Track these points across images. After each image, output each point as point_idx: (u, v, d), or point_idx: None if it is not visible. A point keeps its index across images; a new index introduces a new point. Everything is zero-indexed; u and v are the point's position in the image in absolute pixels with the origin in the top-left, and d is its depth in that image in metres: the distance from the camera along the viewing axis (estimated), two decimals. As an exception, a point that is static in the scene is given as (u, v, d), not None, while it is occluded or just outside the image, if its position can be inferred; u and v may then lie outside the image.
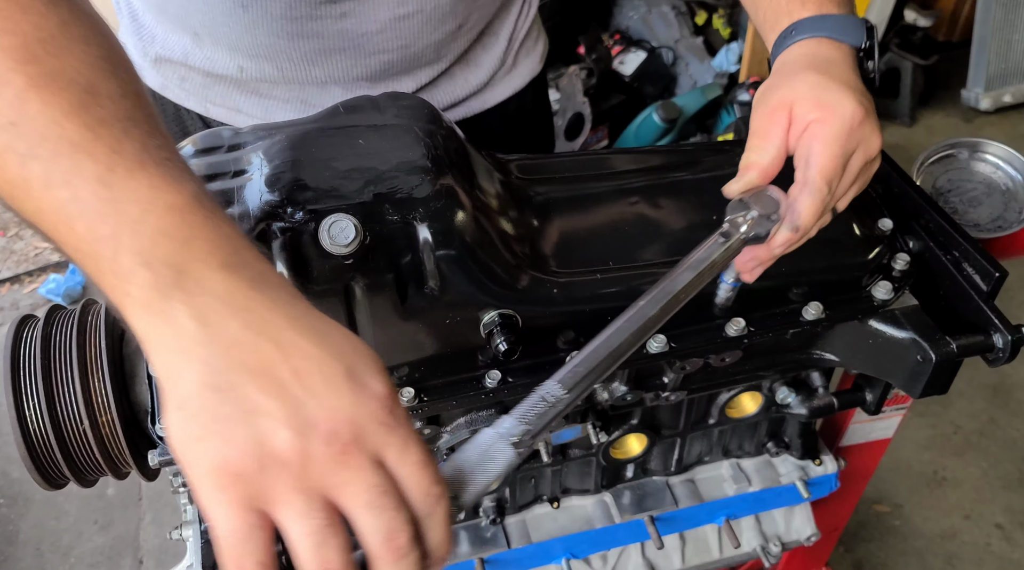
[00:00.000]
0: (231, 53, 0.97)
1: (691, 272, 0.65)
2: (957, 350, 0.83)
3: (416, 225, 0.71)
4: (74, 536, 2.10)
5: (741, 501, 1.13)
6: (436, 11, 0.96)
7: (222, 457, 0.44)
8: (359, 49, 0.95)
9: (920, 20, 3.02)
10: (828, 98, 0.67)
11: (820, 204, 0.67)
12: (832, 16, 0.74)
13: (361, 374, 0.48)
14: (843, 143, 0.67)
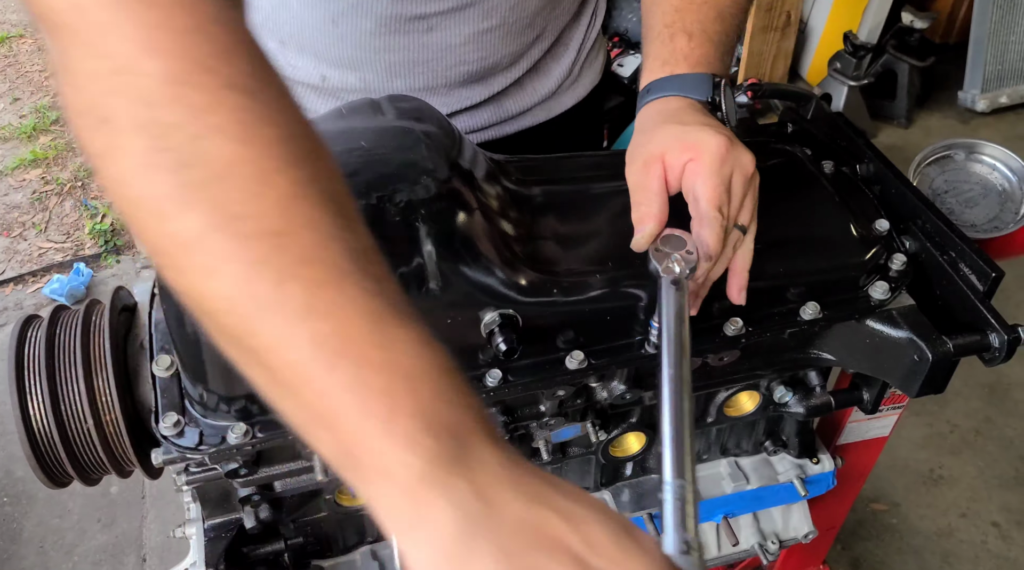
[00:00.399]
0: (316, 62, 0.98)
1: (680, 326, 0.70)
2: (953, 350, 0.84)
3: (418, 226, 0.72)
4: (77, 534, 2.10)
5: (739, 499, 1.14)
6: (517, 23, 0.98)
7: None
8: (442, 61, 0.97)
9: (917, 22, 3.02)
10: (693, 139, 0.74)
11: (719, 229, 0.73)
12: (679, 76, 0.81)
13: (632, 530, 0.45)
14: (719, 171, 0.73)
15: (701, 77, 0.81)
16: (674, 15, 0.84)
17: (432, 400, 0.43)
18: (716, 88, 0.81)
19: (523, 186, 0.87)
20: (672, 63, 0.82)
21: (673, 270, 0.73)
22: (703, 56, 0.83)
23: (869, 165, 1.00)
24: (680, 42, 0.83)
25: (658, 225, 0.74)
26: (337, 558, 1.05)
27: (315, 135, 0.48)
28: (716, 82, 0.81)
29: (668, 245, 0.74)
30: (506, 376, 0.80)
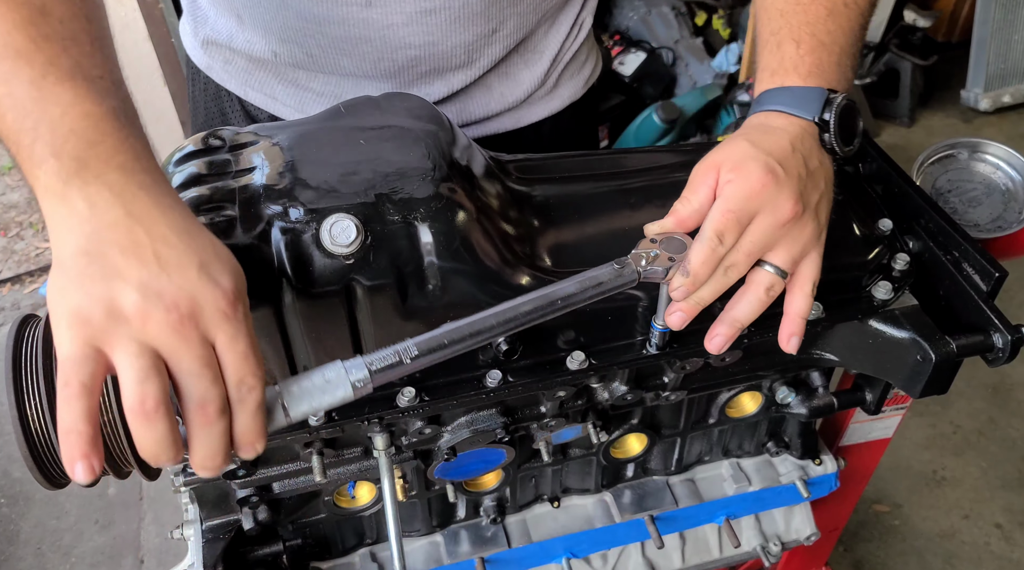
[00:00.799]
0: (266, 36, 1.00)
1: (575, 285, 0.69)
2: (957, 350, 0.83)
3: (417, 225, 0.71)
4: (75, 536, 2.10)
5: (741, 501, 1.13)
6: (464, 10, 0.96)
7: (77, 304, 0.53)
8: (385, 41, 0.96)
9: (919, 20, 3.02)
10: (743, 162, 0.71)
11: (709, 253, 0.70)
12: (790, 89, 0.77)
13: (213, 270, 0.56)
14: (740, 202, 0.70)
15: (811, 92, 0.76)
16: (780, 20, 0.80)
17: (65, 135, 0.57)
18: (828, 105, 0.76)
19: (523, 185, 0.87)
20: (781, 73, 0.78)
21: (639, 257, 0.71)
22: (815, 65, 0.77)
23: (872, 164, 1.00)
24: (788, 50, 0.79)
25: (676, 225, 0.73)
26: (336, 560, 1.05)
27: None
28: (830, 98, 0.76)
29: (664, 243, 0.73)
30: (506, 376, 0.79)
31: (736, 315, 0.75)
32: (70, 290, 0.54)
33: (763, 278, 0.73)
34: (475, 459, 0.93)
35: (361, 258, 0.69)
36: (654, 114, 2.74)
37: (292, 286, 0.69)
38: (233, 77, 1.09)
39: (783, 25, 0.80)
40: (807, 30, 0.78)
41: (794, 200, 0.71)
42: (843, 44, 0.79)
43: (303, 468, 0.84)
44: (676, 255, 0.72)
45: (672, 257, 0.72)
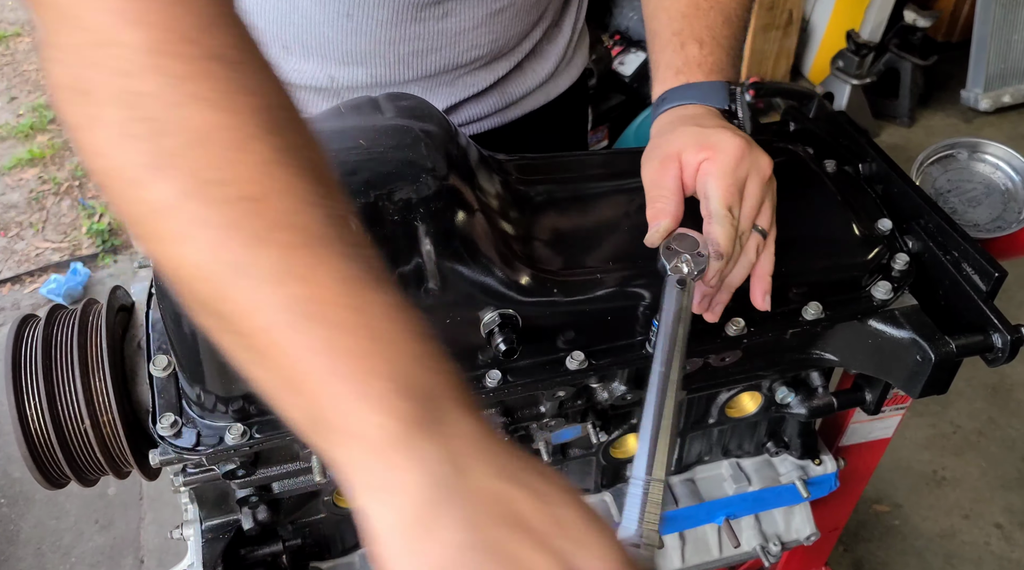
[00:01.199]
0: (323, 63, 0.97)
1: (678, 325, 0.70)
2: (956, 350, 0.83)
3: (417, 225, 0.71)
4: (75, 536, 2.10)
5: (741, 501, 1.13)
6: (524, 3, 0.98)
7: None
8: (455, 47, 0.97)
9: (919, 20, 3.02)
10: (710, 140, 0.74)
11: (729, 228, 0.73)
12: (696, 84, 0.82)
13: (597, 516, 0.45)
14: (733, 172, 0.73)
15: (718, 85, 0.82)
16: (682, 22, 0.84)
17: (407, 363, 0.42)
18: (733, 95, 0.81)
19: (523, 185, 0.87)
20: (687, 72, 0.82)
21: (680, 269, 0.73)
22: (716, 63, 0.83)
23: (872, 164, 1.00)
24: (692, 50, 0.83)
25: (673, 221, 0.74)
26: (335, 560, 1.04)
27: (294, 106, 0.48)
28: (732, 90, 0.81)
29: (679, 244, 0.74)
30: (506, 376, 0.79)
31: (732, 281, 0.77)
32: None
33: (752, 241, 0.76)
34: (475, 459, 0.93)
35: (361, 258, 0.69)
36: (654, 114, 2.74)
37: (292, 286, 0.69)
38: None
39: (685, 27, 0.83)
40: (708, 33, 0.83)
41: (767, 156, 0.75)
42: (736, 49, 0.85)
43: (303, 468, 0.84)
44: (695, 248, 0.73)
45: (699, 252, 0.73)
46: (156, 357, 0.79)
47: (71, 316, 0.81)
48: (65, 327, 0.79)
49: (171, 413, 0.76)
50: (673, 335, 0.69)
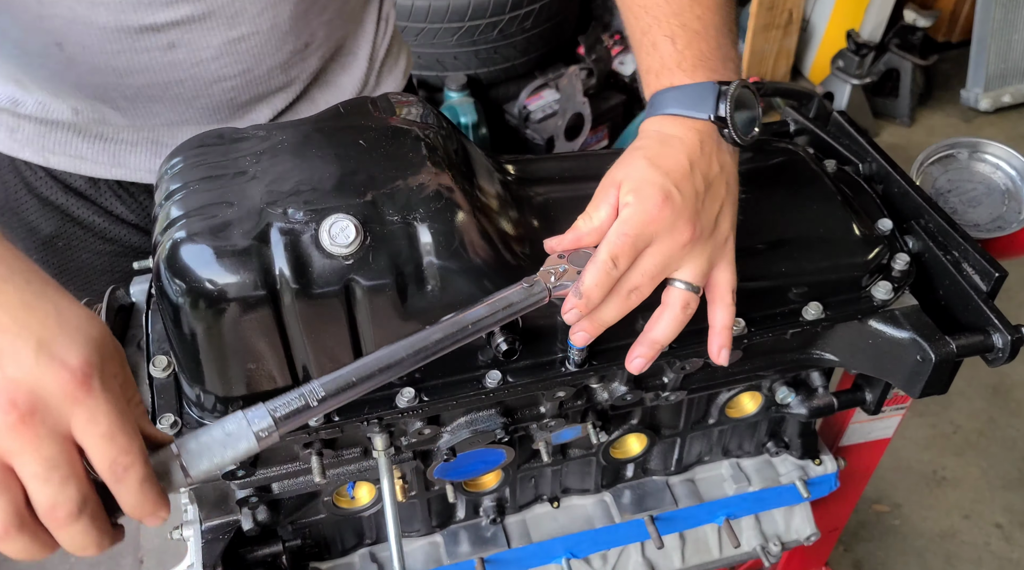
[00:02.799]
0: (60, 96, 0.92)
1: (486, 308, 0.68)
2: (957, 350, 0.83)
3: (416, 225, 0.71)
4: (74, 536, 2.10)
5: (741, 501, 1.13)
6: (274, 31, 0.91)
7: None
8: (196, 79, 0.91)
9: (920, 20, 3.02)
10: (642, 185, 0.70)
11: (603, 276, 0.69)
12: (680, 88, 0.74)
13: (55, 348, 0.50)
14: (636, 227, 0.69)
15: (701, 88, 0.74)
16: (646, 17, 0.78)
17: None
18: (721, 98, 0.73)
19: (522, 185, 0.87)
20: (665, 73, 0.76)
21: (547, 276, 0.71)
22: (697, 56, 0.75)
23: (872, 164, 1.00)
24: (664, 48, 0.76)
25: (575, 242, 0.72)
26: (335, 560, 1.04)
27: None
28: (722, 90, 0.73)
29: (572, 259, 0.72)
30: (506, 377, 0.79)
31: (655, 336, 0.75)
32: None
33: (676, 296, 0.73)
34: (475, 459, 0.93)
35: (360, 258, 0.69)
36: (654, 114, 2.74)
37: (291, 287, 0.69)
38: (26, 145, 0.97)
39: (651, 22, 0.77)
40: (676, 22, 0.76)
41: (692, 226, 0.71)
42: (717, 25, 0.77)
43: (302, 469, 0.84)
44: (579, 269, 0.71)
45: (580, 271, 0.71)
46: (156, 358, 0.79)
47: (71, 316, 0.80)
48: (65, 327, 0.79)
49: (171, 414, 0.76)
50: (480, 314, 0.67)
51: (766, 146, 1.00)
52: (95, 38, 0.84)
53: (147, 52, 0.87)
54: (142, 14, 0.84)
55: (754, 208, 0.90)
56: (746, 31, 2.93)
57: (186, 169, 0.74)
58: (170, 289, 0.69)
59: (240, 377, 0.73)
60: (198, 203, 0.70)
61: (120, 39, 0.85)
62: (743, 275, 0.86)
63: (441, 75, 2.65)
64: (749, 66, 2.96)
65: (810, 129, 1.07)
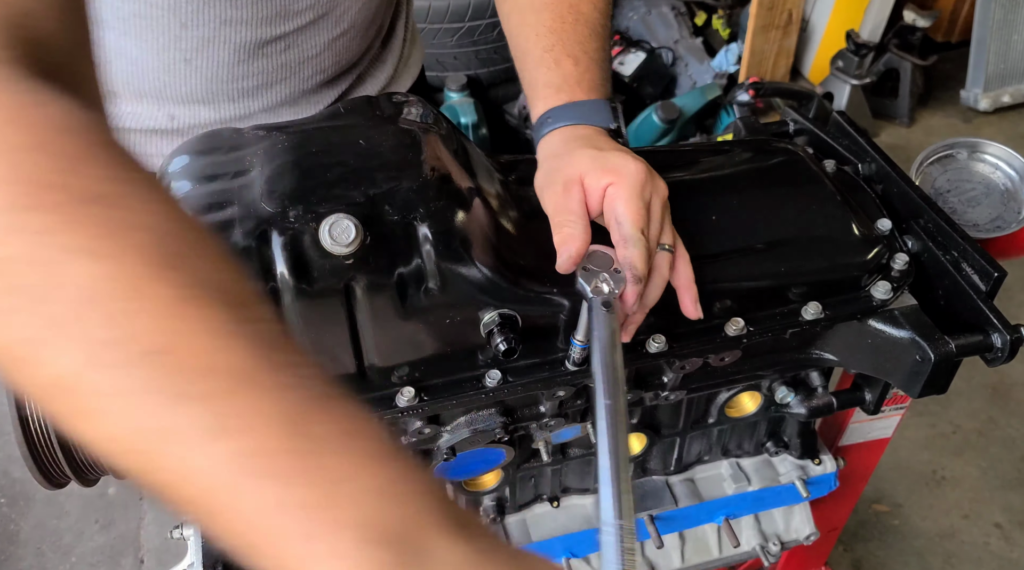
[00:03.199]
0: (160, 104, 0.93)
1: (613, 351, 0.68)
2: (956, 350, 0.83)
3: (416, 225, 0.71)
4: (75, 535, 2.10)
5: (740, 500, 1.13)
6: (363, 23, 0.97)
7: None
8: (298, 75, 0.95)
9: (919, 20, 3.02)
10: (612, 164, 0.74)
11: (644, 250, 0.72)
12: (579, 103, 0.81)
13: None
14: (640, 195, 0.73)
15: (600, 104, 0.81)
16: (551, 38, 0.83)
17: (375, 500, 0.38)
18: (615, 113, 0.81)
19: (523, 185, 0.87)
20: (567, 90, 0.81)
21: (602, 290, 0.71)
22: (593, 81, 0.82)
23: (871, 164, 1.00)
24: (567, 67, 0.82)
25: (583, 245, 0.73)
26: (336, 559, 1.04)
27: (192, 225, 0.42)
28: (614, 106, 0.82)
29: (595, 263, 0.73)
30: (506, 376, 0.79)
31: (648, 300, 0.77)
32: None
33: (662, 260, 0.76)
34: (474, 459, 0.93)
35: (360, 258, 0.69)
36: (654, 114, 2.74)
37: (291, 287, 0.69)
38: None
39: (556, 43, 0.82)
40: (580, 48, 0.82)
41: (662, 180, 0.76)
42: (605, 62, 0.85)
43: (303, 468, 0.84)
44: (611, 266, 0.73)
45: (615, 270, 0.72)
46: (156, 357, 0.79)
47: (71, 316, 0.81)
48: (65, 327, 0.79)
49: (171, 413, 0.76)
50: (611, 362, 0.67)
51: (766, 146, 1.00)
52: (227, 53, 0.88)
53: (266, 58, 0.91)
54: (274, 27, 0.88)
55: (753, 208, 0.91)
56: (746, 31, 2.93)
57: (186, 169, 0.74)
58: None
59: (240, 377, 0.73)
60: (197, 202, 0.70)
61: (249, 50, 0.89)
62: (743, 275, 0.86)
63: (441, 75, 2.65)
64: (749, 66, 2.96)
65: (809, 129, 1.07)
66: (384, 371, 0.76)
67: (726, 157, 0.98)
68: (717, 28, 3.17)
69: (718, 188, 0.93)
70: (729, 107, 2.85)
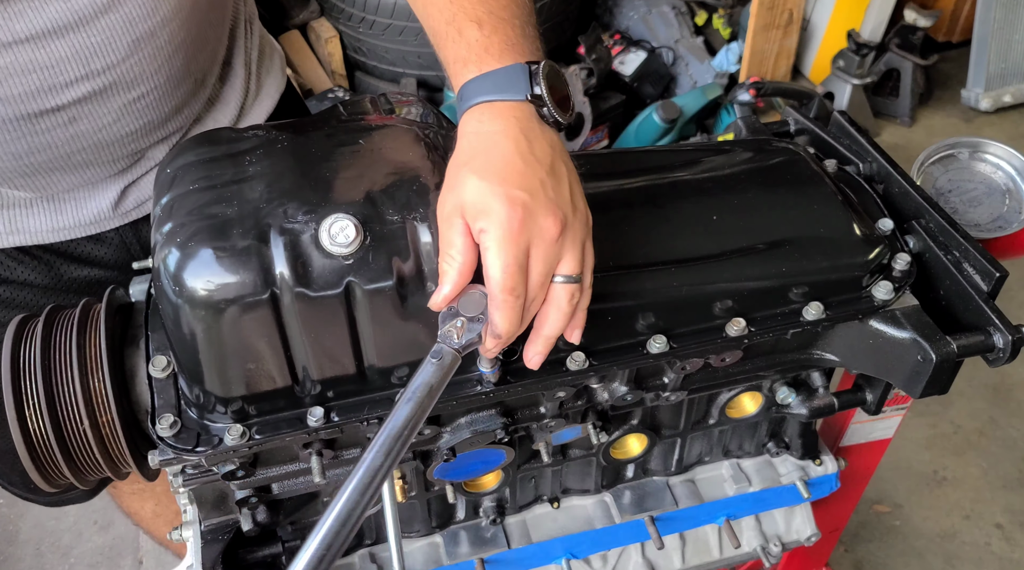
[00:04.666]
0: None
1: (413, 406, 0.65)
2: (957, 350, 0.83)
3: (416, 225, 0.71)
4: (74, 536, 2.10)
5: (741, 501, 1.13)
6: (169, 81, 0.91)
7: None
8: (98, 144, 0.91)
9: (920, 20, 3.02)
10: (487, 205, 0.66)
11: (511, 310, 0.68)
12: (490, 74, 0.71)
13: None
14: (511, 247, 0.66)
15: (512, 70, 0.71)
16: (451, 7, 0.75)
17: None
18: (534, 78, 0.70)
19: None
20: (474, 60, 0.72)
21: (450, 336, 0.69)
22: (504, 42, 0.73)
23: (872, 164, 1.00)
24: (471, 34, 0.73)
25: (456, 288, 0.69)
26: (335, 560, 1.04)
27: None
28: (533, 70, 0.71)
29: (465, 305, 0.69)
30: (506, 376, 0.79)
31: (548, 333, 0.73)
32: None
33: (560, 292, 0.70)
34: (475, 460, 0.93)
35: (360, 258, 0.69)
36: (654, 114, 2.74)
37: (291, 287, 0.68)
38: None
39: (456, 11, 0.74)
40: (482, 9, 0.74)
41: (554, 216, 0.68)
42: (525, 18, 0.76)
43: (302, 469, 0.84)
44: (479, 311, 0.69)
45: (479, 316, 0.69)
46: (155, 358, 0.79)
47: (70, 316, 0.80)
48: (64, 327, 0.79)
49: (170, 414, 0.76)
50: (408, 415, 0.64)
51: (767, 146, 1.00)
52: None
53: (48, 132, 0.86)
54: (42, 101, 0.83)
55: (754, 208, 0.90)
56: (747, 30, 2.93)
57: (185, 169, 0.74)
58: (169, 289, 0.69)
59: (240, 377, 0.73)
60: (197, 203, 0.70)
61: (21, 126, 0.84)
62: (744, 275, 0.86)
63: (441, 75, 2.65)
64: (749, 66, 2.95)
65: (810, 129, 1.07)
66: (384, 371, 0.76)
67: (727, 157, 0.97)
68: (718, 28, 3.17)
69: (719, 188, 0.93)
70: (730, 107, 2.85)
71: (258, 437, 0.75)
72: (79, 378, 0.76)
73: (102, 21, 0.80)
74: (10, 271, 1.01)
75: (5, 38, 0.77)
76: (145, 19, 0.83)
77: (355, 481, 0.62)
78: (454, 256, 0.68)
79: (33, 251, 1.01)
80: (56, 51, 0.80)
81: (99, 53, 0.82)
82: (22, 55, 0.79)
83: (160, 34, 0.86)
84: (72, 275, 1.04)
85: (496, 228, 0.66)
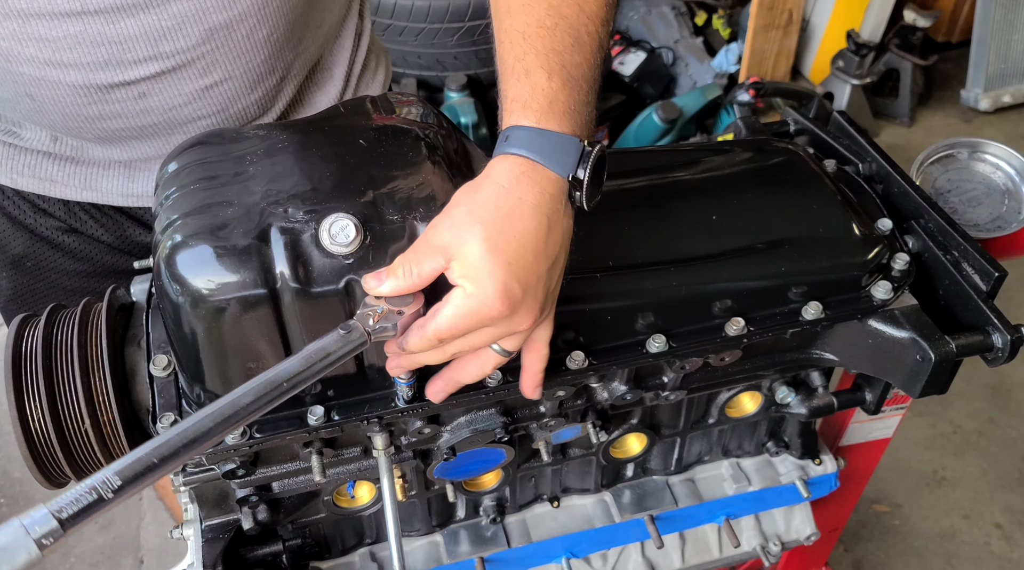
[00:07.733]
0: (37, 129, 0.93)
1: (301, 362, 0.63)
2: (956, 350, 0.83)
3: (417, 224, 0.71)
4: (75, 536, 2.09)
5: (741, 500, 1.13)
6: (248, 74, 0.91)
7: None
8: (171, 122, 0.91)
9: (920, 20, 3.02)
10: (480, 279, 0.65)
11: (426, 345, 0.68)
12: (547, 134, 0.69)
13: None
14: (472, 320, 0.66)
15: (567, 143, 0.69)
16: (524, 45, 0.72)
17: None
18: (583, 160, 0.69)
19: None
20: (535, 107, 0.70)
21: (365, 319, 0.67)
22: (568, 104, 0.71)
23: (872, 164, 1.00)
24: (539, 80, 0.71)
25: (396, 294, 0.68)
26: (335, 559, 1.05)
27: None
28: (585, 152, 0.69)
29: (395, 299, 0.68)
30: (506, 376, 0.79)
31: (459, 378, 0.74)
32: None
33: (490, 357, 0.71)
34: (475, 459, 0.93)
35: (360, 258, 0.69)
36: (654, 114, 2.74)
37: (291, 286, 0.69)
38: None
39: (528, 51, 0.72)
40: (556, 60, 0.72)
41: (532, 316, 0.68)
42: (590, 80, 0.74)
43: (302, 468, 0.84)
44: (403, 308, 0.68)
45: (401, 310, 0.68)
46: (156, 357, 0.79)
47: (71, 316, 0.81)
48: (65, 327, 0.79)
49: (171, 413, 0.76)
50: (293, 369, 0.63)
51: (766, 146, 1.00)
52: (65, 93, 0.85)
53: (118, 102, 0.87)
54: (111, 74, 0.84)
55: (754, 208, 0.91)
56: (746, 31, 2.93)
57: (186, 168, 0.74)
58: (170, 288, 0.69)
59: (240, 376, 0.73)
60: (198, 203, 0.70)
61: (90, 94, 0.85)
62: (744, 275, 0.86)
63: (441, 75, 2.65)
64: (749, 66, 2.96)
65: (810, 129, 1.07)
66: (384, 371, 0.76)
67: (726, 157, 0.98)
68: (717, 28, 3.17)
69: (718, 188, 0.93)
70: (729, 107, 2.85)
71: (258, 436, 0.75)
72: (80, 377, 0.76)
73: (173, 7, 0.82)
74: (82, 223, 1.04)
75: (75, 7, 0.79)
76: (220, 11, 0.84)
77: (213, 408, 0.59)
78: (412, 275, 0.67)
79: (106, 209, 1.04)
80: (125, 28, 0.82)
81: (168, 36, 0.84)
82: (92, 27, 0.80)
83: (238, 28, 0.86)
84: (138, 239, 1.07)
85: (473, 300, 0.65)
